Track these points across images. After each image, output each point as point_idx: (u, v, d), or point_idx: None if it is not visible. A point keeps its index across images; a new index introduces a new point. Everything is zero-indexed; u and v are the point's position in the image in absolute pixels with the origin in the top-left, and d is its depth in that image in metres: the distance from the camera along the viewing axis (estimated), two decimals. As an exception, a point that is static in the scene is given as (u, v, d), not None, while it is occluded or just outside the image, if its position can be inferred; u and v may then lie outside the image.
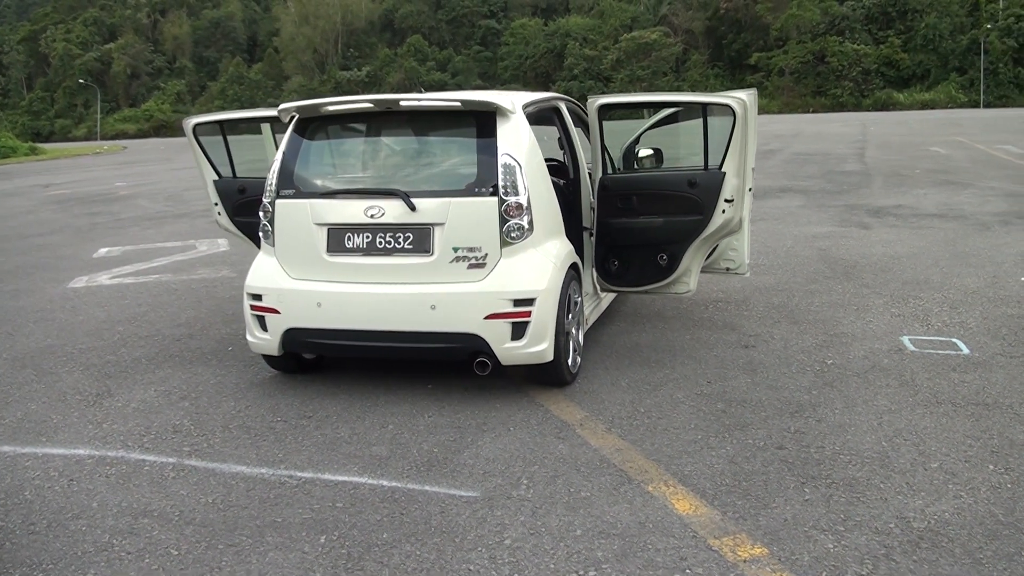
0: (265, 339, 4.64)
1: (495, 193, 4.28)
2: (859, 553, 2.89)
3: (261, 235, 4.74)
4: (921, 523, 3.07)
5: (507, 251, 4.29)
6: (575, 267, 4.75)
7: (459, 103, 4.52)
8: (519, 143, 4.40)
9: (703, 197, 4.81)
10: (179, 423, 4.35)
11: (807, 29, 68.33)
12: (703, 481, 3.47)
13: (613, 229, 5.09)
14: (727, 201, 4.78)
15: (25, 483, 3.71)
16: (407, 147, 4.96)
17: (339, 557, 3.00)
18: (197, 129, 5.74)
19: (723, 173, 4.77)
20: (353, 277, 4.44)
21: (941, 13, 65.71)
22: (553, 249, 4.53)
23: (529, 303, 4.26)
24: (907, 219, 10.30)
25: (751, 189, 5.06)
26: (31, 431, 4.34)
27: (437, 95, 4.73)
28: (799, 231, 9.69)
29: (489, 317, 4.25)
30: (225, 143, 5.77)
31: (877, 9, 68.71)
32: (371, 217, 4.37)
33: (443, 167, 4.73)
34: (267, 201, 4.64)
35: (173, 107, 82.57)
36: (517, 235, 4.30)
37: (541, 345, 4.33)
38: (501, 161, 4.32)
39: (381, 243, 4.39)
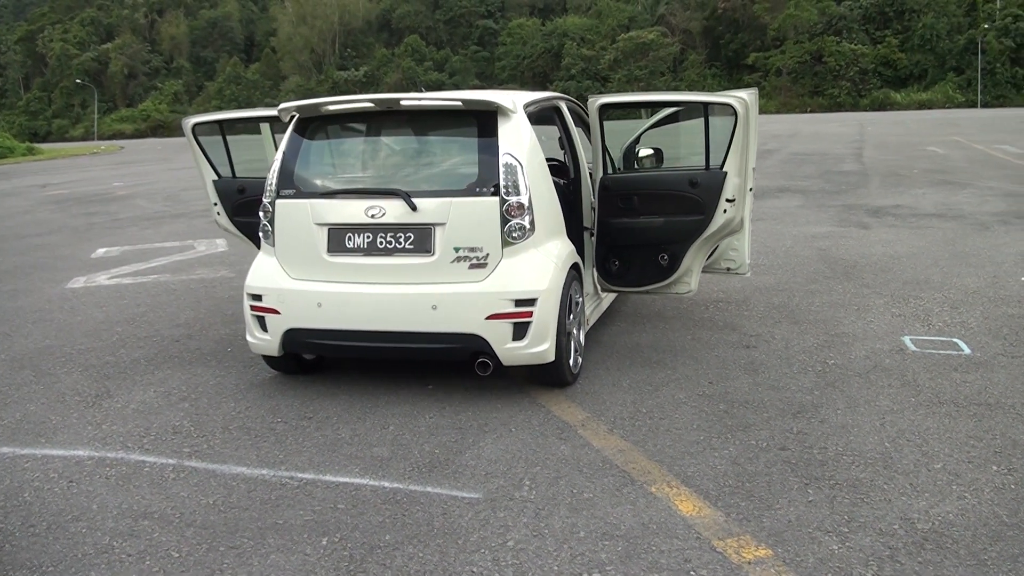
0: (265, 339, 4.62)
1: (496, 193, 4.27)
2: (864, 555, 2.88)
3: (261, 235, 4.72)
4: (925, 524, 3.06)
5: (508, 251, 4.28)
6: (576, 267, 4.73)
7: (460, 103, 4.51)
8: (520, 143, 4.38)
9: (704, 197, 4.79)
10: (179, 424, 4.33)
11: (804, 29, 68.47)
12: (706, 482, 3.45)
13: (614, 229, 5.07)
14: (728, 201, 4.77)
15: (24, 485, 3.69)
16: (408, 147, 4.94)
17: (341, 559, 2.98)
18: (196, 129, 5.72)
19: (724, 173, 4.76)
20: (354, 277, 4.42)
21: (938, 13, 65.87)
22: (554, 249, 4.52)
23: (530, 303, 4.25)
24: (906, 219, 10.30)
25: (752, 189, 5.05)
26: (30, 432, 4.32)
27: (438, 95, 4.71)
28: (798, 231, 9.68)
29: (490, 317, 4.23)
30: (224, 143, 5.76)
31: (874, 9, 68.86)
32: (372, 217, 4.35)
33: (444, 167, 4.71)
34: (267, 201, 4.62)
35: (170, 107, 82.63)
36: (518, 235, 4.28)
37: (542, 345, 4.31)
38: (502, 161, 4.30)
39: (382, 243, 4.37)
